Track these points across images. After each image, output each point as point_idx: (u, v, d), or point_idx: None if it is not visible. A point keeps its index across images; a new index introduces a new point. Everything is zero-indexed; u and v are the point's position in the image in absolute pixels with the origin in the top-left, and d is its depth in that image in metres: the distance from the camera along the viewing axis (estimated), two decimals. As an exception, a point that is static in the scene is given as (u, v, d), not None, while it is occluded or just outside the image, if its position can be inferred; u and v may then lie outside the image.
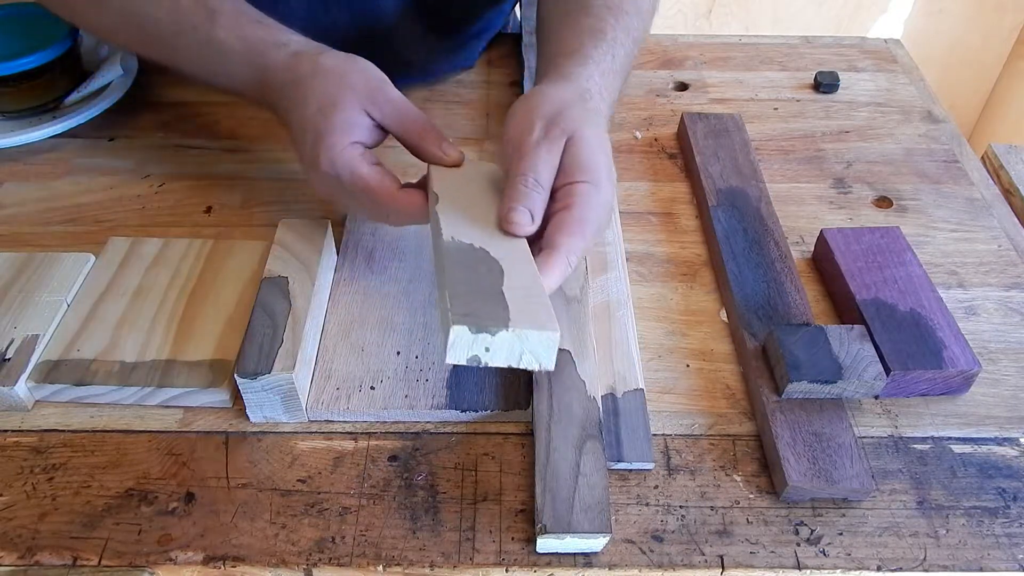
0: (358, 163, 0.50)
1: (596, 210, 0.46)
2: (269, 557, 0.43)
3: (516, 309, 0.37)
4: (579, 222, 0.45)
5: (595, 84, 0.53)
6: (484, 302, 0.37)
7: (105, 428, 0.49)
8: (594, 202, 0.46)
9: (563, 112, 0.48)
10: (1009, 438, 0.49)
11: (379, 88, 0.52)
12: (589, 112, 0.50)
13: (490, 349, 0.36)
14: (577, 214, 0.46)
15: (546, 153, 0.47)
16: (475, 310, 0.36)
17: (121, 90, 0.73)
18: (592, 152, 0.47)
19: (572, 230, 0.45)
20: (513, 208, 0.45)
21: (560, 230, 0.45)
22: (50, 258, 0.56)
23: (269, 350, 0.47)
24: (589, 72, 0.54)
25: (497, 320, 0.36)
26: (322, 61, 0.52)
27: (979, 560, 0.43)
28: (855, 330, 0.50)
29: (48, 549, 0.43)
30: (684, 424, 0.50)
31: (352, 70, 0.52)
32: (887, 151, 0.72)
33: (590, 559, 0.43)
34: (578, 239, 0.45)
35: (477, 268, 0.40)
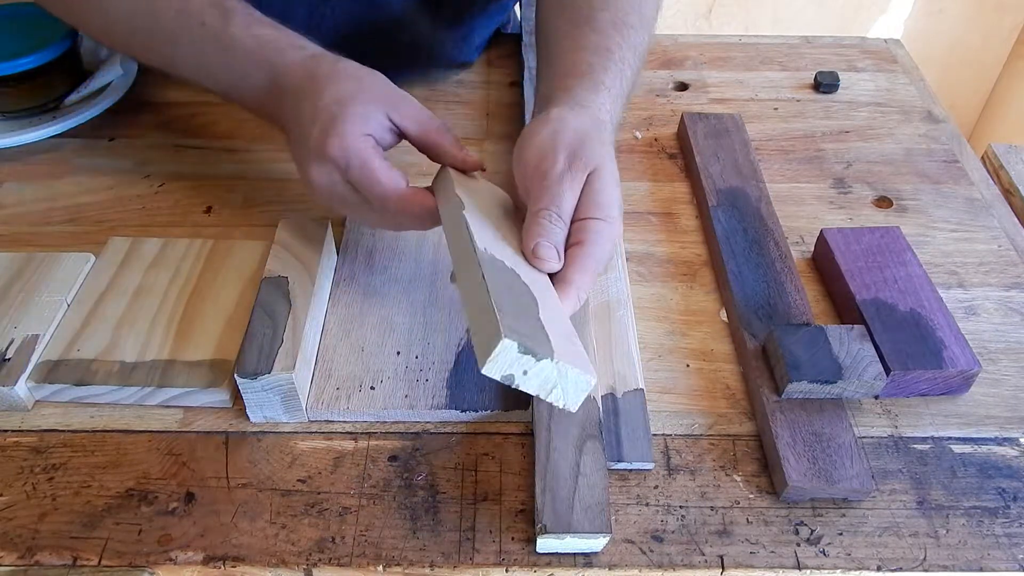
0: (370, 154, 0.48)
1: (607, 246, 0.47)
2: (269, 557, 0.43)
3: (557, 343, 0.37)
4: (592, 259, 0.46)
5: (607, 113, 0.53)
6: (528, 325, 0.37)
7: (105, 428, 0.49)
8: (607, 238, 0.47)
9: (584, 145, 0.48)
10: (1009, 438, 0.49)
11: (398, 95, 0.51)
12: (605, 145, 0.50)
13: (528, 373, 0.36)
14: (591, 251, 0.46)
15: (569, 188, 0.47)
16: (521, 328, 0.36)
17: (121, 90, 0.73)
18: (608, 189, 0.48)
19: (586, 267, 0.46)
20: (540, 244, 0.45)
21: (574, 267, 0.46)
22: (50, 258, 0.56)
23: (269, 350, 0.47)
24: (602, 100, 0.53)
25: (544, 348, 0.35)
26: (342, 65, 0.51)
27: (979, 560, 0.43)
28: (855, 330, 0.50)
29: (48, 549, 0.43)
30: (684, 424, 0.50)
31: (371, 75, 0.52)
32: (887, 151, 0.72)
33: (590, 559, 0.43)
34: (590, 276, 0.46)
35: (514, 287, 0.41)
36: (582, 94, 0.53)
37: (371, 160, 0.48)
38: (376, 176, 0.48)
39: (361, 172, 0.48)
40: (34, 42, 0.69)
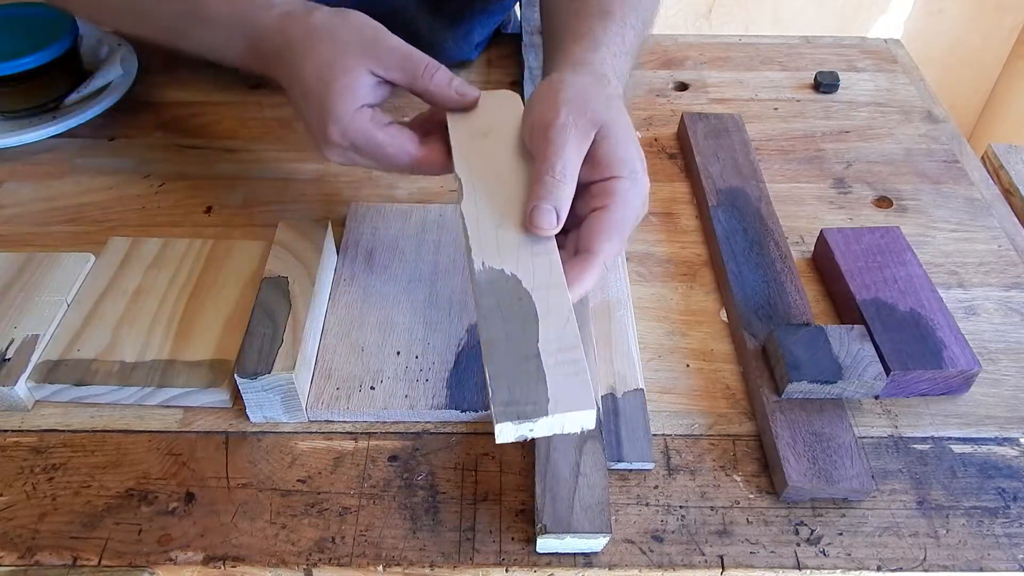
0: (371, 130, 0.48)
1: (635, 205, 0.45)
2: (269, 557, 0.43)
3: (554, 383, 0.38)
4: (618, 224, 0.44)
5: (609, 68, 0.51)
6: (523, 378, 0.38)
7: (105, 428, 0.49)
8: (632, 198, 0.45)
9: (587, 100, 0.46)
10: (1009, 438, 0.49)
11: (375, 39, 0.49)
12: (612, 99, 0.48)
13: (534, 429, 0.38)
14: (617, 215, 0.44)
15: (574, 141, 0.45)
16: (516, 396, 0.38)
17: (121, 90, 0.73)
18: (625, 143, 0.46)
19: (610, 234, 0.44)
20: (537, 207, 0.43)
21: (600, 233, 0.44)
22: (50, 258, 0.56)
23: (269, 350, 0.47)
24: (601, 56, 0.52)
25: (538, 407, 0.37)
26: (313, 21, 0.50)
27: (979, 560, 0.43)
28: (855, 330, 0.50)
29: (48, 549, 0.43)
30: (684, 424, 0.50)
31: (344, 26, 0.49)
32: (887, 151, 0.72)
33: (590, 559, 0.43)
34: (616, 243, 0.44)
35: (512, 312, 0.41)
36: (580, 54, 0.52)
37: (373, 135, 0.48)
38: (384, 151, 0.48)
39: (368, 147, 0.48)
40: (34, 42, 0.69)
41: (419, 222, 0.61)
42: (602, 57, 0.52)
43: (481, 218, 0.45)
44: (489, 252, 0.44)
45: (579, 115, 0.46)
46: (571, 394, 0.38)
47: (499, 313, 0.41)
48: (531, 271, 0.43)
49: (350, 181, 0.67)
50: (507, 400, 0.38)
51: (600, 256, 0.44)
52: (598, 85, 0.48)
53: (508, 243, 0.44)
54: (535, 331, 0.40)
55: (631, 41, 0.56)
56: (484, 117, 0.51)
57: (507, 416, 0.37)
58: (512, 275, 0.42)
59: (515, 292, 0.42)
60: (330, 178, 0.67)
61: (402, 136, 0.49)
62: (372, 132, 0.48)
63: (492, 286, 0.42)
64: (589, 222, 0.45)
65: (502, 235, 0.44)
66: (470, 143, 0.49)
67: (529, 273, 0.43)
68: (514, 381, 0.39)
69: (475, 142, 0.49)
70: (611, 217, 0.44)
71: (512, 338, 0.40)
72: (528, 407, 0.37)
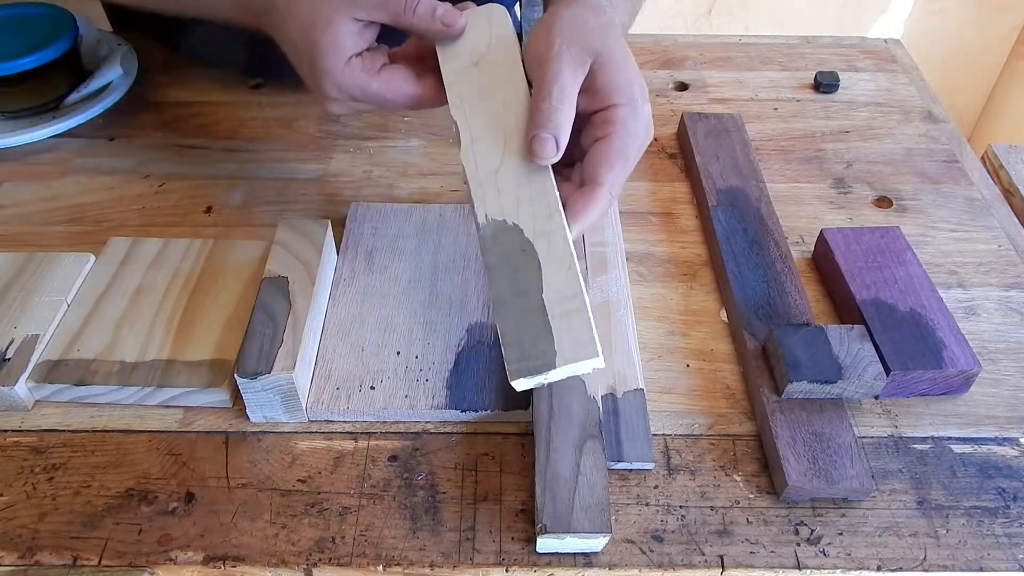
0: (364, 80, 0.48)
1: (637, 133, 0.45)
2: (269, 557, 0.43)
3: (560, 334, 0.41)
4: (621, 152, 0.44)
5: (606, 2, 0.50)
6: (531, 334, 0.41)
7: (105, 428, 0.49)
8: (633, 125, 0.45)
9: (581, 29, 0.46)
10: (1009, 438, 0.49)
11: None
12: (607, 26, 0.47)
13: (548, 378, 0.41)
14: (619, 144, 0.44)
15: (568, 67, 0.45)
16: (526, 352, 0.40)
17: (121, 90, 0.73)
18: (623, 70, 0.46)
19: (614, 163, 0.44)
20: (536, 136, 0.44)
21: (602, 163, 0.44)
22: (50, 258, 0.56)
23: (269, 350, 0.47)
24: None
25: (547, 361, 0.40)
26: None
27: (979, 560, 0.43)
28: (855, 330, 0.50)
29: (48, 549, 0.43)
30: (684, 424, 0.50)
31: None
32: (887, 151, 0.72)
33: (590, 559, 0.43)
34: (620, 171, 0.45)
35: (516, 265, 0.43)
36: None
37: (368, 85, 0.48)
38: (381, 96, 0.48)
39: (365, 96, 0.48)
40: (34, 42, 0.69)
41: (419, 222, 0.61)
42: None
43: (479, 165, 0.46)
44: (491, 203, 0.45)
45: (572, 44, 0.45)
46: (576, 344, 0.40)
47: (504, 266, 0.43)
48: (531, 218, 0.44)
49: (350, 181, 0.67)
50: (518, 357, 0.40)
51: (605, 186, 0.44)
52: (592, 15, 0.48)
53: (508, 187, 0.45)
54: (539, 282, 0.42)
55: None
56: (473, 42, 0.50)
57: (520, 373, 0.40)
58: (514, 225, 0.44)
59: (518, 243, 0.43)
60: (330, 178, 0.67)
61: (397, 79, 0.48)
62: (366, 82, 0.48)
63: (495, 239, 0.44)
64: (592, 152, 0.45)
65: (501, 179, 0.45)
66: (462, 77, 0.49)
67: (529, 220, 0.44)
68: (523, 337, 0.41)
69: (467, 75, 0.49)
70: (612, 146, 0.44)
71: (518, 293, 0.42)
72: (537, 362, 0.40)
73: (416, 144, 0.71)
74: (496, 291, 0.42)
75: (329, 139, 0.72)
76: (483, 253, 0.44)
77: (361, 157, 0.70)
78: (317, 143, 0.71)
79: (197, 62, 0.80)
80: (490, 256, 0.43)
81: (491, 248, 0.43)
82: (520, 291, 0.42)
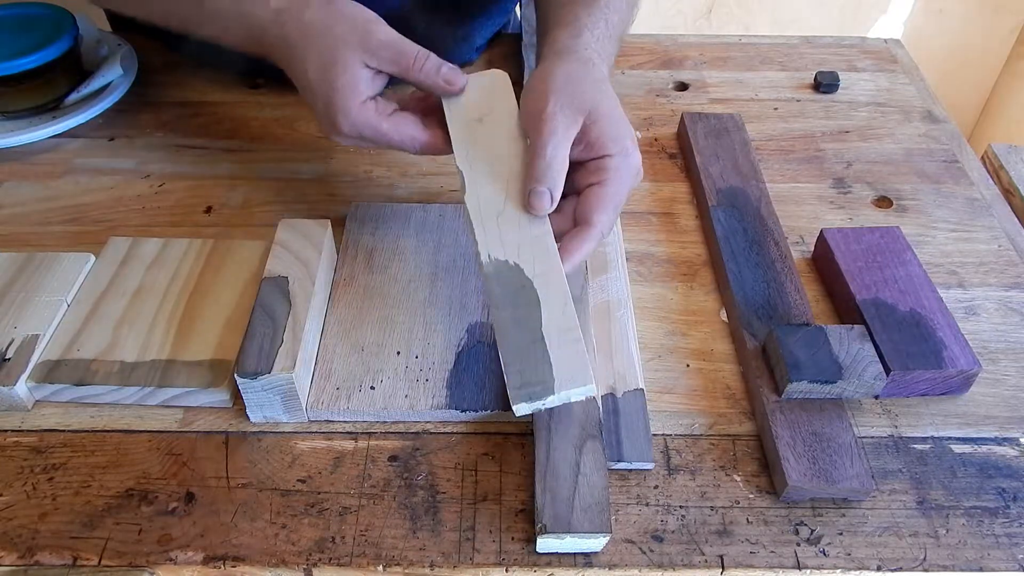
0: (376, 121, 0.51)
1: (628, 179, 0.50)
2: (269, 557, 0.43)
3: (558, 364, 0.44)
4: (612, 197, 0.49)
5: (593, 52, 0.54)
6: (531, 362, 0.45)
7: (105, 428, 0.49)
8: (623, 173, 0.49)
9: (576, 85, 0.50)
10: (1009, 438, 0.49)
11: (368, 33, 0.52)
12: (598, 82, 0.51)
13: (546, 404, 0.44)
14: (612, 190, 0.49)
15: (562, 125, 0.49)
16: (527, 379, 0.44)
17: (121, 90, 0.73)
18: (615, 123, 0.50)
19: (605, 206, 0.48)
20: (533, 191, 0.48)
21: (596, 208, 0.48)
22: (50, 258, 0.56)
23: (269, 350, 0.47)
24: (585, 41, 0.55)
25: (546, 388, 0.44)
26: (307, 19, 0.52)
27: (979, 560, 0.43)
28: (855, 330, 0.50)
29: (48, 549, 0.43)
30: (684, 424, 0.50)
31: (338, 21, 0.52)
32: (887, 151, 0.72)
33: (590, 559, 0.43)
34: (611, 214, 0.49)
35: (517, 300, 0.47)
36: (565, 41, 0.55)
37: (379, 125, 0.52)
38: (390, 139, 0.52)
39: (376, 137, 0.52)
40: (35, 42, 0.69)
41: (419, 222, 0.61)
42: (586, 42, 0.55)
43: (483, 209, 0.50)
44: (494, 244, 0.49)
45: (567, 103, 0.50)
46: (573, 372, 0.44)
47: (507, 300, 0.47)
48: (531, 259, 0.48)
49: (350, 181, 0.67)
50: (520, 384, 0.44)
51: (597, 227, 0.49)
52: (583, 70, 0.52)
53: (509, 231, 0.49)
54: (539, 316, 0.46)
55: (615, 24, 0.59)
56: (476, 101, 0.54)
57: (521, 398, 0.43)
58: (515, 264, 0.48)
59: (518, 280, 0.47)
60: (330, 178, 0.67)
61: (406, 124, 0.52)
62: (378, 124, 0.51)
63: (498, 276, 0.48)
64: (586, 196, 0.49)
65: (503, 223, 0.49)
66: (466, 131, 0.53)
67: (530, 261, 0.48)
68: (524, 365, 0.45)
69: (471, 129, 0.53)
70: (606, 191, 0.49)
71: (519, 324, 0.46)
72: (538, 388, 0.44)
73: (416, 144, 0.71)
74: (499, 323, 0.46)
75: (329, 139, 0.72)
76: (486, 288, 0.48)
77: (361, 157, 0.70)
78: (317, 143, 0.71)
79: (197, 62, 0.80)
80: (493, 290, 0.47)
81: (494, 284, 0.47)
82: (520, 324, 0.46)
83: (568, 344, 0.45)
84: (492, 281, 0.47)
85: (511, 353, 0.45)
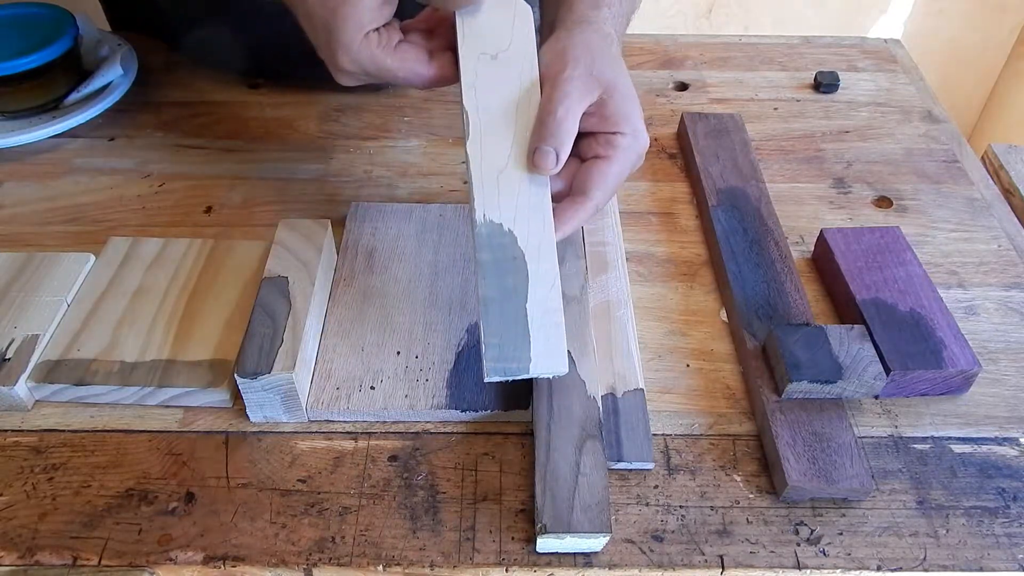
0: (380, 56, 0.49)
1: (632, 160, 0.49)
2: (269, 557, 0.43)
3: (537, 344, 0.44)
4: (614, 175, 0.48)
5: (610, 27, 0.54)
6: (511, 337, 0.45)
7: (105, 428, 0.49)
8: (631, 153, 0.49)
9: (594, 58, 0.49)
10: (1009, 438, 0.49)
11: None
12: (615, 58, 0.51)
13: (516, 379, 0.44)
14: (616, 168, 0.48)
15: (577, 92, 0.48)
16: (505, 353, 0.44)
17: (121, 90, 0.73)
18: (629, 102, 0.49)
19: (606, 183, 0.48)
20: (540, 148, 0.47)
21: (597, 182, 0.48)
22: (50, 258, 0.56)
23: (269, 350, 0.47)
24: (604, 15, 0.54)
25: (521, 366, 0.44)
26: None
27: (979, 560, 0.43)
28: (855, 330, 0.50)
29: (48, 549, 0.43)
30: (684, 424, 0.50)
31: None
32: (887, 151, 0.72)
33: (590, 559, 0.43)
34: (609, 191, 0.49)
35: (506, 270, 0.46)
36: (585, 11, 0.54)
37: (383, 61, 0.49)
38: (394, 75, 0.50)
39: (378, 71, 0.50)
40: (34, 42, 0.69)
41: (419, 222, 0.61)
42: (604, 16, 0.54)
43: (485, 161, 0.48)
44: (490, 202, 0.47)
45: (585, 72, 0.48)
46: (549, 356, 0.44)
47: (495, 270, 0.46)
48: (526, 228, 0.47)
49: (350, 181, 0.67)
50: (496, 356, 0.44)
51: (593, 201, 0.48)
52: (604, 43, 0.51)
53: (508, 191, 0.47)
54: (525, 293, 0.45)
55: (627, 3, 0.58)
56: (494, 32, 0.51)
57: (496, 372, 0.44)
58: (509, 231, 0.47)
59: (510, 250, 0.46)
60: (330, 178, 0.67)
61: (411, 58, 0.50)
62: (382, 58, 0.49)
63: (490, 240, 0.46)
64: (588, 168, 0.49)
65: (503, 183, 0.47)
66: (478, 66, 0.50)
67: (524, 230, 0.47)
68: (504, 339, 0.45)
69: (483, 65, 0.50)
70: (609, 169, 0.48)
71: (505, 297, 0.45)
72: (513, 364, 0.44)
73: (416, 144, 0.71)
74: (484, 290, 0.45)
75: (329, 139, 0.72)
76: (476, 249, 0.46)
77: (361, 157, 0.70)
78: (317, 143, 0.71)
79: (197, 62, 0.80)
80: (483, 255, 0.46)
81: (485, 247, 0.46)
82: (507, 295, 0.45)
83: (550, 327, 0.45)
84: (484, 246, 0.46)
85: (493, 324, 0.45)
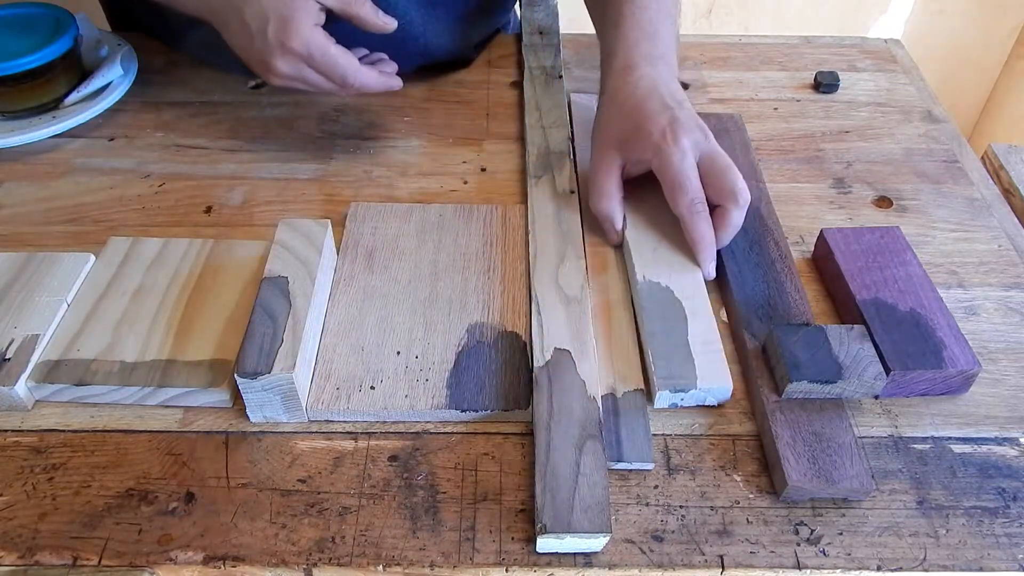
0: (325, 43, 0.58)
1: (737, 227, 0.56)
2: (269, 557, 0.43)
3: (701, 365, 0.50)
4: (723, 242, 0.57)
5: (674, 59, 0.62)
6: (677, 360, 0.50)
7: (105, 428, 0.49)
8: (739, 221, 0.56)
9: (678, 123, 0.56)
10: (1009, 438, 0.49)
11: None
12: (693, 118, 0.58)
13: (684, 399, 0.50)
14: (723, 237, 0.56)
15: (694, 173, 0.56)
16: (672, 372, 0.49)
17: (121, 90, 0.73)
18: (733, 173, 0.56)
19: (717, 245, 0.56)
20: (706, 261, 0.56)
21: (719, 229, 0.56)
22: (50, 258, 0.56)
23: (269, 350, 0.47)
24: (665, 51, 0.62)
25: (689, 381, 0.49)
26: None
27: (979, 560, 0.43)
28: (855, 330, 0.50)
29: (48, 549, 0.43)
30: (684, 424, 0.50)
31: None
32: (887, 151, 0.72)
33: (590, 559, 0.43)
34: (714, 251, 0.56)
35: (666, 313, 0.53)
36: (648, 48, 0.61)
37: (328, 47, 0.59)
38: (337, 60, 0.59)
39: (323, 59, 0.59)
40: (34, 42, 0.69)
41: (419, 222, 0.61)
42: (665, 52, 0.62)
43: (640, 242, 0.57)
44: (648, 268, 0.56)
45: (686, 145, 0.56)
46: (713, 373, 0.49)
47: (657, 312, 0.53)
48: (680, 285, 0.55)
49: (350, 181, 0.67)
50: (667, 375, 0.49)
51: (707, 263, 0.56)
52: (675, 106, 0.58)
53: (663, 261, 0.56)
54: (685, 328, 0.52)
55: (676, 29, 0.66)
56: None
57: (666, 386, 0.49)
58: (666, 287, 0.54)
59: (669, 299, 0.54)
60: (330, 178, 0.67)
61: (348, 55, 0.59)
62: (326, 44, 0.59)
63: (651, 293, 0.54)
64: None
65: (658, 256, 0.56)
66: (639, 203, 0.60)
67: (679, 286, 0.55)
68: (671, 361, 0.50)
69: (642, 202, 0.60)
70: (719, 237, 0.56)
71: (668, 332, 0.52)
72: (681, 380, 0.49)
73: (416, 144, 0.71)
74: (648, 327, 0.52)
75: (329, 139, 0.72)
76: (638, 301, 0.54)
77: (361, 157, 0.70)
78: (317, 143, 0.71)
79: (197, 62, 0.80)
80: (645, 303, 0.53)
81: (646, 298, 0.54)
82: (669, 330, 0.52)
83: (711, 353, 0.50)
84: (644, 295, 0.54)
85: (660, 351, 0.50)
